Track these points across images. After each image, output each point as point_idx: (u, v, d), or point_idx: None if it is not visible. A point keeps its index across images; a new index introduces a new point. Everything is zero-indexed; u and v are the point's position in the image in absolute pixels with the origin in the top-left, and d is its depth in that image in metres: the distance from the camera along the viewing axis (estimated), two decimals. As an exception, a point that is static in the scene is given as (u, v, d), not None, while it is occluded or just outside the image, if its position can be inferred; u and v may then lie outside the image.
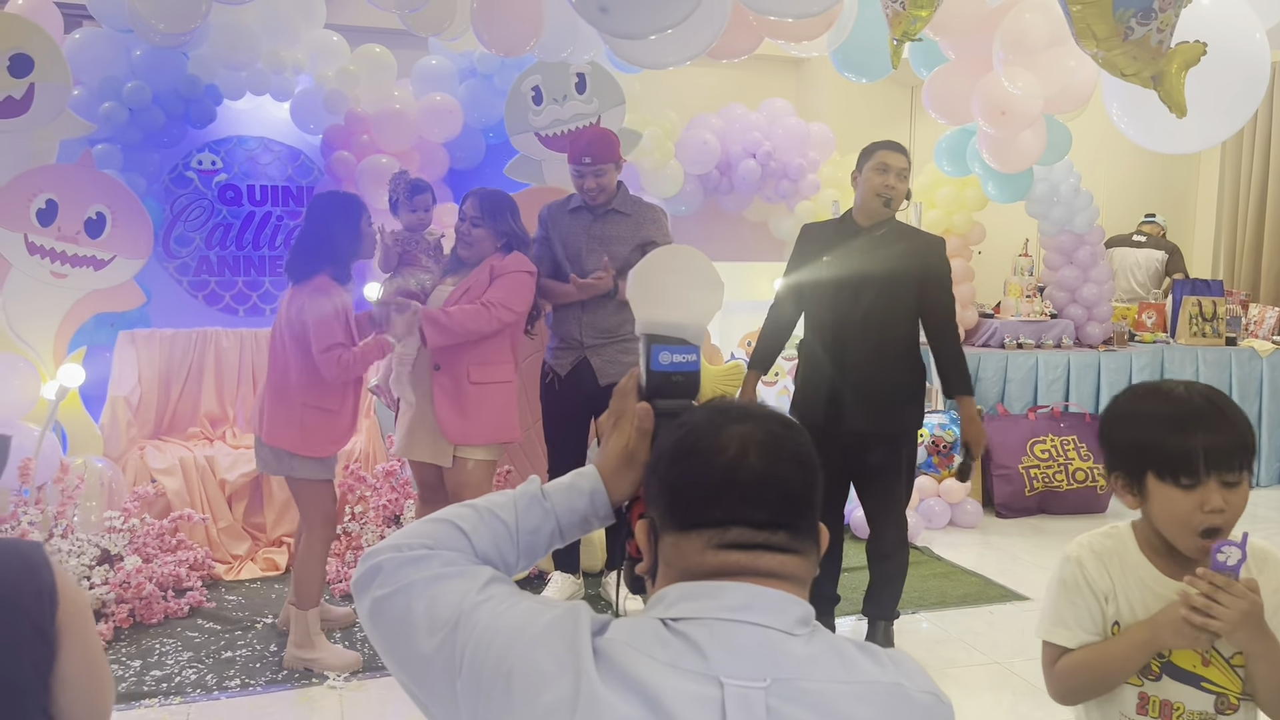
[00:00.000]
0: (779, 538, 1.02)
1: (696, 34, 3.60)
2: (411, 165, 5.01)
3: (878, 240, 3.44)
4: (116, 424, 4.55)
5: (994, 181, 5.42)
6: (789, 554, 1.03)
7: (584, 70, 4.89)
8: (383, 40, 5.12)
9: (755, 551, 1.01)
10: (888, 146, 3.46)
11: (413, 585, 1.06)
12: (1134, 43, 2.17)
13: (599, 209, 3.85)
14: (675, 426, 1.08)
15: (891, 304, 3.41)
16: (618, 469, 1.19)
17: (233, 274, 5.29)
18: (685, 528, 1.03)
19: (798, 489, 1.04)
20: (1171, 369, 6.24)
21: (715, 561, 1.01)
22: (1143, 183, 7.96)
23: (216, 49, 4.61)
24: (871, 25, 4.25)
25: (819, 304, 3.50)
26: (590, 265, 3.83)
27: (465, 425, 3.55)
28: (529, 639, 0.98)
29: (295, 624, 3.49)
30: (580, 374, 3.88)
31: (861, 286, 3.41)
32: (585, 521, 1.19)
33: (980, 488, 5.62)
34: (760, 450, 1.02)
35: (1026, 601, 4.24)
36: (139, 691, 3.28)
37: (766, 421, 1.05)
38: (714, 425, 1.04)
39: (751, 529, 1.01)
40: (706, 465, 1.02)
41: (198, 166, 5.19)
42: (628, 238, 3.85)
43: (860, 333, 3.41)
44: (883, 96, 7.12)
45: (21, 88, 4.19)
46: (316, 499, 3.47)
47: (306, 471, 3.42)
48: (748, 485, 1.01)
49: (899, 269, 3.40)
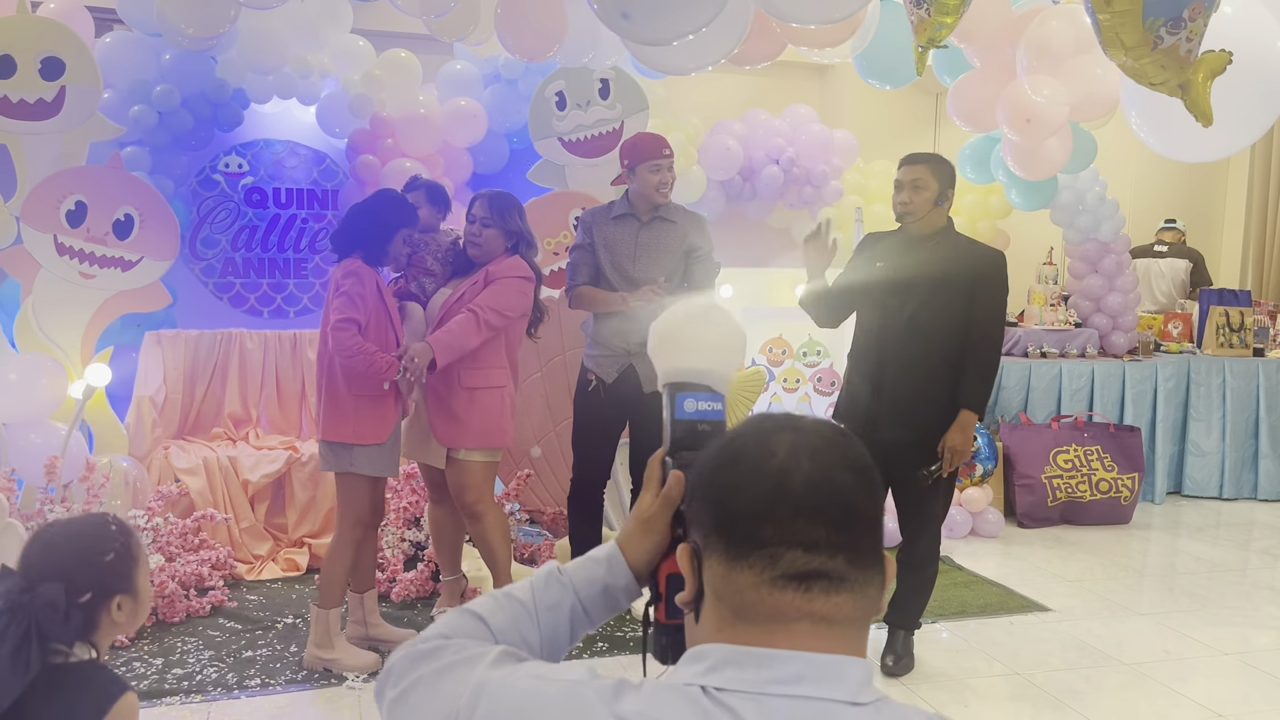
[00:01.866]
0: (837, 563, 0.89)
1: (719, 40, 3.61)
2: (435, 169, 5.04)
3: (929, 249, 3.40)
4: (142, 424, 4.59)
5: (1018, 189, 5.39)
6: (847, 591, 0.90)
7: (608, 76, 4.91)
8: (408, 45, 5.16)
9: (810, 591, 0.89)
10: (904, 162, 3.44)
11: (420, 679, 1.00)
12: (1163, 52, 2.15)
13: (645, 216, 3.86)
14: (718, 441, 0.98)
15: (935, 313, 3.35)
16: (634, 533, 1.11)
17: (258, 276, 5.34)
18: (734, 554, 0.91)
19: (858, 499, 0.91)
20: (1198, 380, 6.18)
21: (770, 604, 0.89)
22: (1169, 191, 7.89)
23: (244, 53, 4.66)
24: (895, 32, 4.24)
25: (867, 309, 3.49)
26: (638, 273, 3.83)
27: (454, 428, 3.55)
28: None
29: (316, 623, 3.50)
30: (626, 380, 3.87)
31: (908, 294, 3.37)
32: (607, 592, 1.12)
33: (1002, 497, 5.58)
34: (813, 456, 0.91)
35: (1048, 612, 4.21)
36: (161, 689, 3.31)
37: (817, 428, 0.95)
38: (761, 432, 0.94)
39: (806, 551, 0.88)
40: (754, 472, 0.91)
41: (224, 169, 5.24)
42: (674, 245, 3.86)
43: (903, 340, 3.38)
44: (906, 103, 7.10)
45: (53, 90, 4.26)
46: (356, 497, 3.46)
47: (366, 463, 3.42)
48: (801, 494, 0.89)
49: (946, 279, 3.34)
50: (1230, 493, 6.17)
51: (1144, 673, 3.62)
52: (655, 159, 3.79)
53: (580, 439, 3.99)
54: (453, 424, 3.55)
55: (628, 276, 3.84)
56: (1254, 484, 6.21)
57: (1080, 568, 4.87)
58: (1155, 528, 5.64)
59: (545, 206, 4.96)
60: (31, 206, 4.28)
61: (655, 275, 3.82)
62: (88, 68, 4.29)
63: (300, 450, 4.71)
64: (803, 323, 5.49)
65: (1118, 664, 3.70)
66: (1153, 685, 3.52)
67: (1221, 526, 5.72)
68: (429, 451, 3.67)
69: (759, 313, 5.49)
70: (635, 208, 3.87)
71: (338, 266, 3.43)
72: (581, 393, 3.96)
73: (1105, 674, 3.60)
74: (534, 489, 4.78)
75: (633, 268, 3.84)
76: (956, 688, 3.48)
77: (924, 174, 3.39)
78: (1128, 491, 5.57)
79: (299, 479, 4.62)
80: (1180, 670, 3.66)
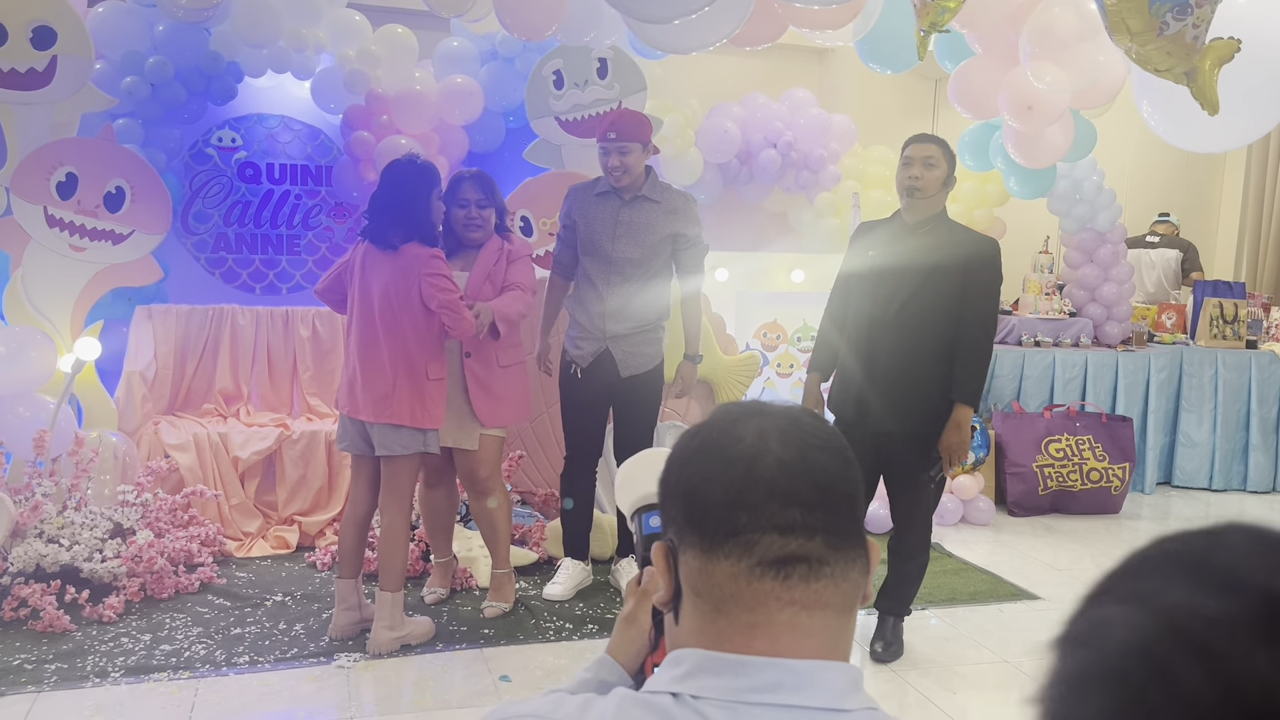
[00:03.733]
0: (815, 545, 0.86)
1: (721, 20, 3.58)
2: (431, 147, 5.00)
3: (922, 236, 3.35)
4: (132, 399, 4.56)
5: (1016, 177, 5.37)
6: (827, 577, 0.87)
7: (606, 55, 4.86)
8: (405, 21, 5.10)
9: (790, 579, 0.86)
10: (914, 140, 3.40)
11: None
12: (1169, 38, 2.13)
13: (627, 194, 3.81)
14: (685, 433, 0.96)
15: (926, 302, 3.30)
16: (618, 634, 1.19)
17: (250, 252, 5.29)
18: (708, 546, 0.88)
19: (833, 479, 0.88)
20: (1190, 371, 6.18)
21: (749, 594, 0.86)
22: (1166, 182, 7.88)
23: (239, 26, 4.60)
24: (898, 16, 4.21)
25: (859, 298, 3.46)
26: (617, 252, 3.80)
27: (496, 406, 3.70)
28: None
29: (385, 607, 3.46)
30: (602, 364, 3.86)
31: (900, 282, 3.33)
32: (602, 685, 1.16)
33: (993, 485, 5.59)
34: (782, 438, 0.88)
35: (1037, 600, 4.22)
36: (149, 665, 3.30)
37: (785, 411, 0.92)
38: (727, 419, 0.92)
39: (781, 535, 0.86)
40: (723, 460, 0.88)
41: (217, 143, 5.19)
42: (656, 225, 3.80)
43: (893, 329, 3.35)
44: (906, 89, 7.07)
45: (44, 60, 4.20)
46: (410, 476, 3.48)
47: (435, 443, 3.47)
48: (773, 477, 0.86)
49: (939, 266, 3.29)
50: (1220, 484, 6.19)
51: (1132, 662, 3.63)
52: (600, 140, 3.76)
53: (567, 420, 4.01)
54: (494, 402, 3.68)
55: (605, 256, 3.81)
56: (1244, 476, 6.23)
57: (1070, 556, 4.88)
58: (1145, 518, 5.66)
59: (542, 186, 4.92)
60: (21, 177, 4.23)
61: (633, 254, 3.79)
62: (80, 37, 4.24)
63: (291, 428, 4.68)
64: (797, 308, 5.49)
65: (1106, 653, 3.70)
66: (1140, 674, 3.53)
67: (1211, 517, 5.67)
68: (462, 434, 3.68)
69: (754, 297, 5.47)
70: (616, 186, 3.83)
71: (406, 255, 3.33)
72: (564, 374, 3.96)
73: (1093, 663, 3.61)
74: (525, 470, 4.77)
75: (611, 247, 3.80)
76: (945, 675, 3.48)
77: (936, 153, 3.35)
78: (1118, 481, 5.58)
79: (290, 456, 4.60)
80: (1168, 660, 3.67)
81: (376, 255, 3.38)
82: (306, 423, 4.84)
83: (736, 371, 4.71)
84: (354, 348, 3.43)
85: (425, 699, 3.17)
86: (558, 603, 3.94)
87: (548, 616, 3.81)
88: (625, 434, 3.96)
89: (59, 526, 3.82)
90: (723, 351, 4.70)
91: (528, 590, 4.07)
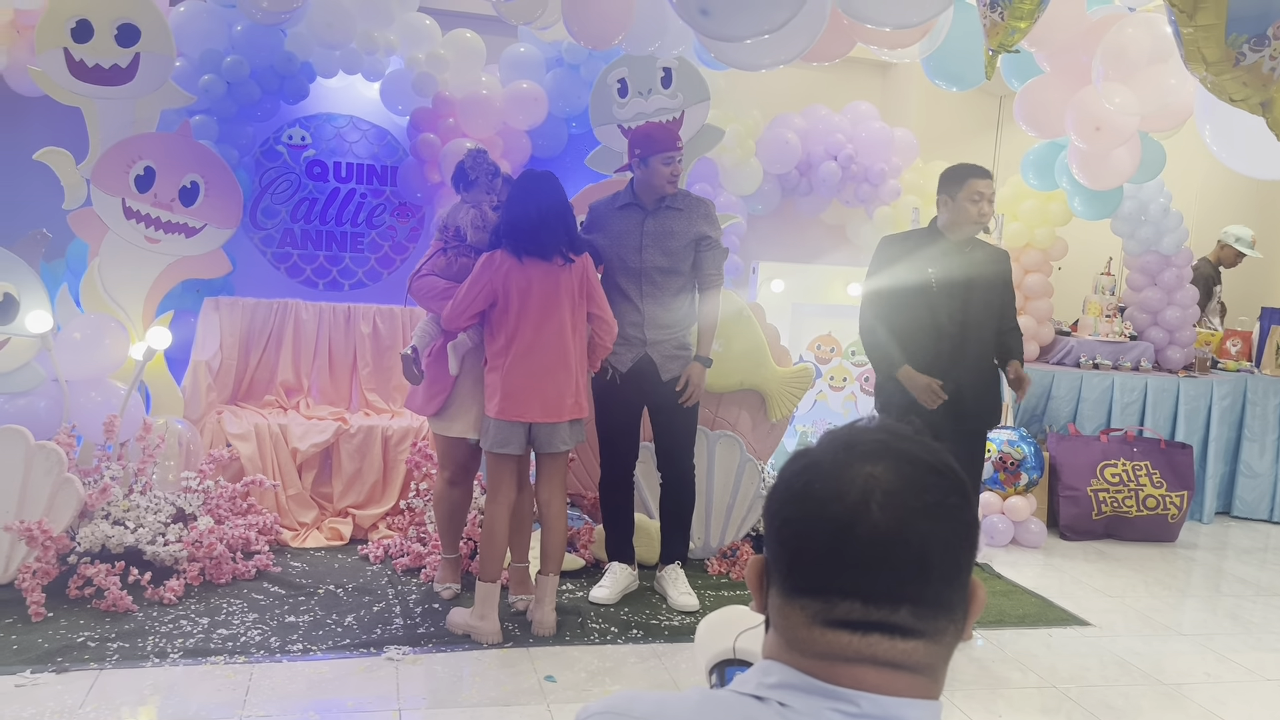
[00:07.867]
0: (900, 616, 0.82)
1: (793, 38, 3.59)
2: (495, 151, 5.07)
3: (969, 254, 3.75)
4: (197, 387, 4.69)
5: (1081, 197, 5.30)
6: (915, 639, 0.83)
7: (670, 65, 4.90)
8: (473, 25, 5.19)
9: (870, 635, 0.83)
10: (978, 174, 3.70)
11: None
12: (1245, 69, 2.11)
13: (651, 206, 3.90)
14: (797, 456, 0.90)
15: (985, 308, 3.76)
16: None
17: (315, 248, 5.41)
18: (788, 591, 0.86)
19: (935, 554, 0.82)
20: (1254, 399, 6.06)
21: (822, 643, 0.84)
22: (1235, 206, 7.71)
23: (313, 27, 4.71)
24: (966, 34, 4.19)
25: (917, 309, 3.72)
26: (644, 263, 3.87)
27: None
28: None
29: (548, 590, 3.71)
30: (641, 369, 3.92)
31: (963, 295, 3.70)
32: None
33: (1046, 508, 5.52)
34: (887, 501, 0.82)
35: (1088, 627, 4.16)
36: (206, 648, 3.39)
37: (905, 456, 0.85)
38: (837, 463, 0.85)
39: (864, 603, 0.82)
40: (819, 515, 0.83)
41: (288, 141, 5.32)
42: (681, 231, 3.90)
43: (957, 337, 3.72)
44: (970, 105, 7.00)
45: (127, 57, 4.34)
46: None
47: (580, 435, 3.77)
48: (866, 548, 0.81)
49: (986, 278, 3.75)
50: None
51: (1183, 694, 3.58)
52: (669, 151, 3.84)
53: (602, 426, 4.07)
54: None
55: (634, 268, 3.89)
56: (1306, 509, 6.09)
57: (1123, 583, 4.81)
58: (1202, 547, 5.55)
59: (603, 192, 4.96)
60: (102, 170, 4.38)
61: (662, 262, 3.87)
62: (162, 36, 4.38)
63: (349, 421, 4.78)
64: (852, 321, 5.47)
65: (1156, 683, 3.66)
66: (1191, 707, 3.47)
67: (1270, 550, 5.62)
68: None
69: (809, 309, 5.47)
70: (640, 197, 3.91)
71: (578, 264, 3.62)
72: (599, 381, 4.00)
73: (1143, 693, 3.56)
74: (575, 473, 4.81)
75: (638, 258, 3.88)
76: (989, 698, 3.46)
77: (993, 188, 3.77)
78: (1175, 509, 5.48)
79: (346, 450, 4.69)
80: (1220, 693, 3.61)
81: (543, 267, 3.54)
82: (364, 417, 4.93)
83: (789, 383, 4.71)
84: (535, 355, 3.53)
85: (472, 695, 3.22)
86: (603, 606, 3.98)
87: (594, 619, 3.85)
88: (667, 437, 4.02)
89: (125, 509, 3.94)
90: (776, 363, 4.70)
91: (574, 592, 4.11)
